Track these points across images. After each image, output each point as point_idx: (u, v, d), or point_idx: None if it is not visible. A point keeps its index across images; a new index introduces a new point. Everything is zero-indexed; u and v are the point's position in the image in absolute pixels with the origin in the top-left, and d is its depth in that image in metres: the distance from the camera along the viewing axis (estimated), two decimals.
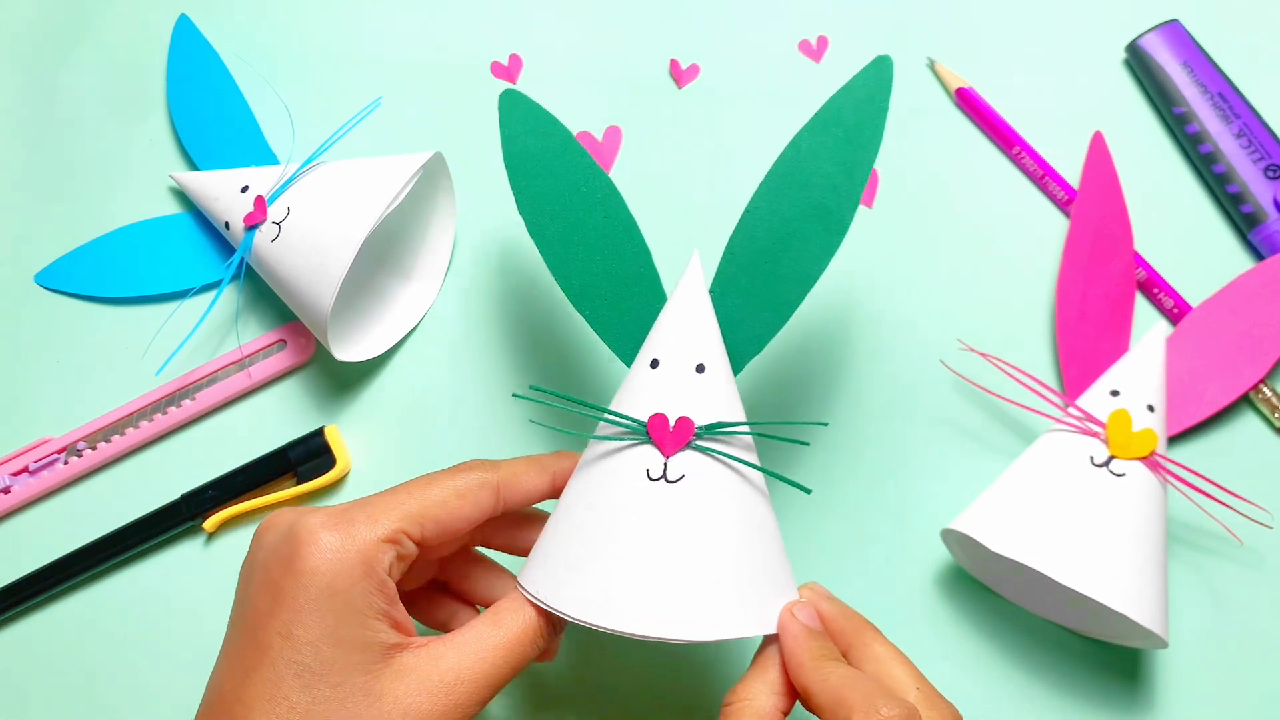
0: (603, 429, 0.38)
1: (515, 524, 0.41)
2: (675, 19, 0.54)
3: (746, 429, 0.37)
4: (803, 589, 0.37)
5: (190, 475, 0.48)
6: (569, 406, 0.40)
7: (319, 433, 0.47)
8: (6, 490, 0.48)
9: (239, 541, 0.47)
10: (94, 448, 0.48)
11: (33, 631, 0.47)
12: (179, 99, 0.53)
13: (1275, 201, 0.47)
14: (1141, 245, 0.48)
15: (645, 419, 0.36)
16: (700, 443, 0.36)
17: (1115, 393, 0.43)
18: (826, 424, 0.44)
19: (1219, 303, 0.46)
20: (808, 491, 0.37)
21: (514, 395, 0.46)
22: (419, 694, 0.33)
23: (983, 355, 0.47)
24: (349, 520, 0.34)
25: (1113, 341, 0.46)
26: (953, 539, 0.43)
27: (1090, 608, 0.42)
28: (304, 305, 0.45)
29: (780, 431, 0.40)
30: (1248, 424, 0.47)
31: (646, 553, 0.35)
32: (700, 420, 0.36)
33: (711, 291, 0.39)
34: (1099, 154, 0.48)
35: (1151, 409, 0.43)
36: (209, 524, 0.47)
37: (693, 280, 0.39)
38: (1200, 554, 0.45)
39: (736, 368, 0.39)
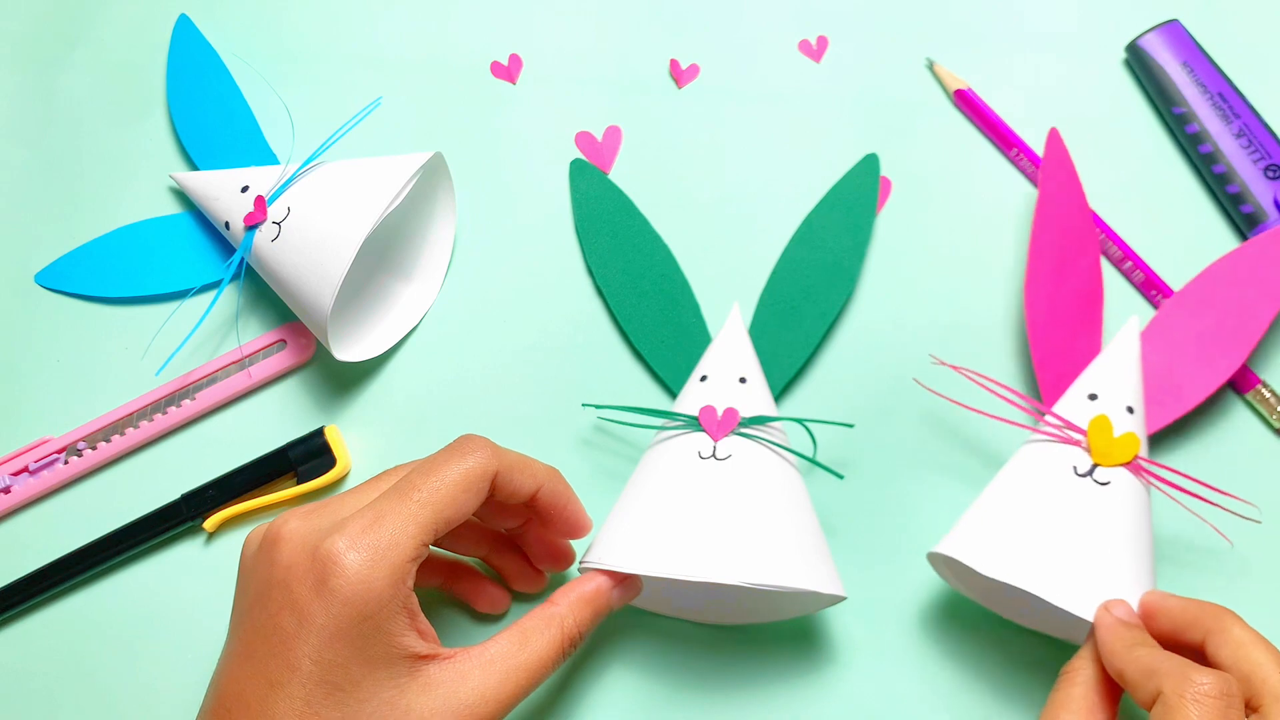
0: (660, 435, 0.43)
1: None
2: (675, 19, 0.54)
3: (785, 420, 0.43)
4: (1145, 595, 0.38)
5: (190, 475, 0.48)
6: (630, 409, 0.44)
7: (319, 433, 0.47)
8: (6, 490, 0.48)
9: (239, 542, 0.47)
10: (94, 448, 0.48)
11: (33, 631, 0.47)
12: (179, 99, 0.53)
13: (1275, 201, 0.47)
14: (1141, 245, 0.48)
15: (695, 414, 0.42)
16: (744, 430, 0.41)
17: (1093, 396, 0.42)
18: (852, 425, 0.45)
19: (1190, 294, 0.45)
20: (841, 477, 0.43)
21: (583, 405, 0.46)
22: (443, 712, 0.34)
23: (954, 368, 0.46)
24: (372, 543, 0.34)
25: (1087, 340, 0.45)
26: (940, 561, 0.41)
27: (1087, 625, 0.41)
28: (304, 305, 0.45)
29: (810, 428, 0.44)
30: (1247, 424, 0.46)
31: (702, 513, 0.39)
32: (744, 414, 0.42)
33: (750, 332, 0.47)
34: (1056, 150, 0.47)
35: (1131, 410, 0.42)
36: (209, 524, 0.47)
37: (734, 321, 0.46)
38: (1189, 554, 0.45)
39: (772, 391, 0.45)
